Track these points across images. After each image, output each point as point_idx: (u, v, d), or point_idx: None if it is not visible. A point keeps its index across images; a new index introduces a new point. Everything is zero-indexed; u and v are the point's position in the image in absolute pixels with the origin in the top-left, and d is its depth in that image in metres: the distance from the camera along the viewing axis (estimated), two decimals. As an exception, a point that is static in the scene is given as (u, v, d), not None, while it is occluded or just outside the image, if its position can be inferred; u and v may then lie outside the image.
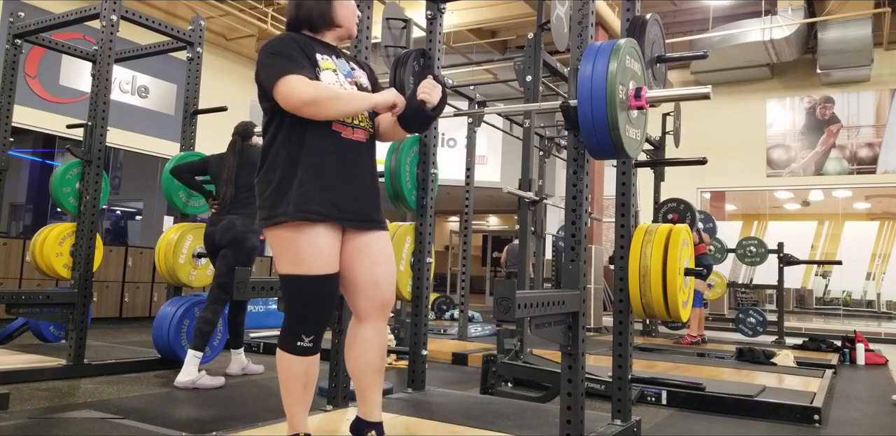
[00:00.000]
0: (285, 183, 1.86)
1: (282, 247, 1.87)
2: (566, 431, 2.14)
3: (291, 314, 1.90)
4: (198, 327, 3.61)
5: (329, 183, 1.87)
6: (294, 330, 1.88)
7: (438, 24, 3.06)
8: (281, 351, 1.90)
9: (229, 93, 9.55)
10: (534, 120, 4.44)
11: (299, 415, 1.93)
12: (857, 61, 9.35)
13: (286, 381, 1.90)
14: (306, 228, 1.84)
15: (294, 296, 1.88)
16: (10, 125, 4.42)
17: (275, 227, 1.86)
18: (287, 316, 1.91)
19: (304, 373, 1.89)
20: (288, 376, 1.90)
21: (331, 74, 1.92)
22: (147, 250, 7.18)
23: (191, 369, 3.49)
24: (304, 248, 1.84)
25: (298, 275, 1.85)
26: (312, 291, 1.86)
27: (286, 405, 1.93)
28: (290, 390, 1.90)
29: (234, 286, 2.41)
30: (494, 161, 11.61)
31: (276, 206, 1.85)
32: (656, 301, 2.56)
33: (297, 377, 1.89)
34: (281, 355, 1.90)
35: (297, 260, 1.84)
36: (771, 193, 11.63)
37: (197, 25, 4.52)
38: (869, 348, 5.98)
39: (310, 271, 1.84)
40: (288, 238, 1.85)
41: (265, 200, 1.89)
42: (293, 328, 1.88)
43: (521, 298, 1.79)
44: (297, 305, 1.88)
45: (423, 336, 3.00)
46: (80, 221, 3.94)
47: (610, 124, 1.96)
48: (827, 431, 3.16)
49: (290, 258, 1.85)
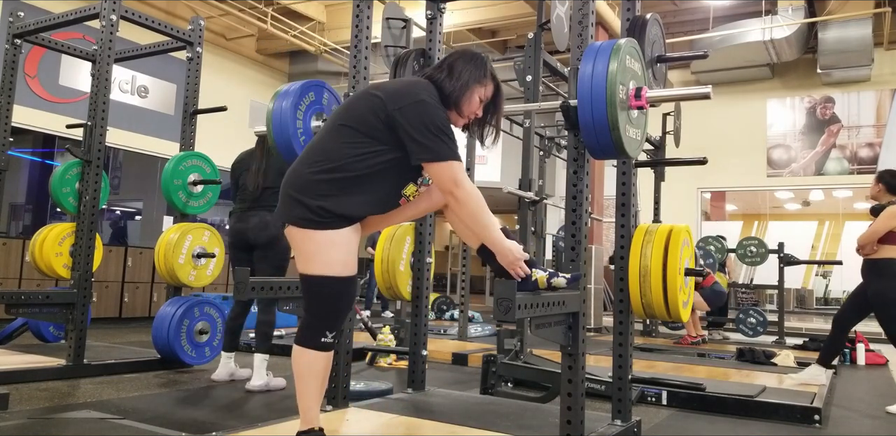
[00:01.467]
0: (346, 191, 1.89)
1: (314, 248, 1.89)
2: (566, 431, 2.14)
3: (318, 313, 1.94)
4: (262, 331, 3.62)
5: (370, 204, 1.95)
6: (319, 327, 1.93)
7: (438, 23, 3.06)
8: (302, 348, 1.93)
9: (229, 93, 9.55)
10: (534, 120, 4.44)
11: (315, 410, 1.97)
12: (857, 61, 9.34)
13: (307, 377, 1.93)
14: (345, 233, 1.90)
15: (324, 295, 1.92)
16: (10, 125, 4.41)
17: (320, 229, 1.87)
18: (311, 314, 1.95)
19: (324, 368, 1.96)
20: (309, 372, 1.93)
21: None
22: (147, 250, 7.18)
23: (262, 373, 3.55)
24: (337, 251, 1.89)
25: (330, 276, 1.89)
26: (342, 290, 1.92)
27: (303, 401, 1.95)
28: (310, 385, 1.94)
29: (234, 287, 2.41)
30: (494, 161, 11.60)
31: (329, 211, 1.87)
32: (656, 301, 2.56)
33: (318, 373, 1.94)
34: (302, 352, 1.93)
35: (329, 263, 1.89)
36: (771, 193, 11.63)
37: (197, 25, 4.52)
38: (869, 349, 5.97)
39: (342, 273, 1.90)
40: (325, 242, 1.88)
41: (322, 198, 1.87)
42: (318, 326, 1.93)
43: (521, 299, 1.79)
44: (324, 305, 1.93)
45: (423, 336, 2.99)
46: (80, 222, 3.93)
47: (610, 124, 1.96)
48: (827, 431, 3.15)
49: (322, 259, 1.89)
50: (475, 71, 2.01)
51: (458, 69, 2.00)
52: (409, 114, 1.86)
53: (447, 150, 1.86)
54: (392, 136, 1.88)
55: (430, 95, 1.92)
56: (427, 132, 1.85)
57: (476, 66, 2.02)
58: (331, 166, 1.89)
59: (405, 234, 3.33)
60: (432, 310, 8.39)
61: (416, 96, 1.88)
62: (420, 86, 1.94)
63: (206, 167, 4.38)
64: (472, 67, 2.01)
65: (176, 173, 4.20)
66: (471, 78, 2.00)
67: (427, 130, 1.85)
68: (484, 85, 2.03)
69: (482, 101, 2.05)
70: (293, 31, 9.75)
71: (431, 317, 8.10)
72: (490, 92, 2.06)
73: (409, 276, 3.20)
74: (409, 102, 1.87)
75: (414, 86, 1.94)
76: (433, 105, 1.89)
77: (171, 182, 4.17)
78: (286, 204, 1.93)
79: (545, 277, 2.01)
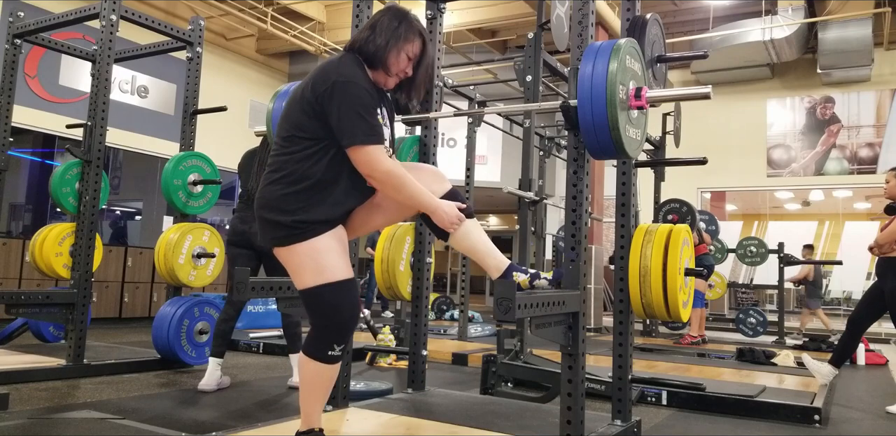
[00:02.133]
0: (314, 198, 1.87)
1: (300, 261, 1.86)
2: (566, 431, 2.14)
3: (323, 326, 1.89)
4: (291, 333, 3.64)
5: (340, 197, 1.91)
6: (325, 340, 1.88)
7: (438, 23, 3.06)
8: (309, 359, 1.89)
9: (229, 93, 9.55)
10: (534, 120, 4.44)
11: (316, 414, 1.97)
12: (857, 61, 9.34)
13: (312, 386, 1.92)
14: (326, 237, 1.87)
15: (324, 307, 1.87)
16: (10, 125, 4.41)
17: (301, 242, 1.85)
18: (316, 327, 1.90)
19: (329, 378, 1.94)
20: (315, 382, 1.92)
21: (385, 132, 1.94)
22: (147, 250, 7.18)
23: (295, 371, 3.60)
24: (323, 256, 1.85)
25: (323, 284, 1.85)
26: (341, 299, 1.87)
27: (306, 405, 1.94)
28: (314, 393, 1.93)
29: (234, 287, 2.40)
30: (494, 161, 11.60)
31: (305, 221, 1.85)
32: (656, 301, 2.55)
33: (323, 383, 1.93)
34: (308, 363, 1.89)
35: (319, 270, 1.85)
36: (771, 193, 11.63)
37: (196, 25, 4.52)
38: (869, 348, 5.98)
39: (334, 278, 1.86)
40: (308, 251, 1.85)
41: (294, 213, 1.85)
42: (324, 339, 1.88)
43: (521, 299, 1.79)
44: (326, 317, 1.88)
45: (423, 336, 2.99)
46: (80, 222, 3.93)
47: (610, 124, 1.95)
48: (827, 431, 3.15)
49: (311, 269, 1.85)
50: (399, 27, 1.95)
51: (382, 27, 1.95)
52: (325, 100, 1.84)
53: (360, 134, 1.81)
54: (328, 126, 1.86)
55: (345, 70, 1.86)
56: (340, 114, 1.82)
57: (401, 22, 1.96)
58: (291, 179, 1.87)
59: (405, 234, 3.33)
60: (432, 310, 8.39)
61: (328, 80, 1.85)
62: (333, 65, 1.90)
63: (206, 167, 4.38)
64: (396, 23, 1.96)
65: (176, 173, 4.21)
66: (393, 35, 1.94)
67: (339, 111, 1.82)
68: (410, 41, 1.96)
69: (410, 58, 1.98)
70: (293, 31, 9.75)
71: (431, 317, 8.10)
72: (418, 48, 1.99)
73: (409, 276, 3.20)
74: (323, 89, 1.84)
75: (329, 66, 1.89)
76: (345, 83, 1.84)
77: (171, 182, 4.17)
78: (263, 228, 1.91)
79: (527, 280, 2.01)
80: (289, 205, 1.85)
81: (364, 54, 1.94)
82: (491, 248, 2.04)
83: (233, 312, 3.66)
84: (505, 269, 2.01)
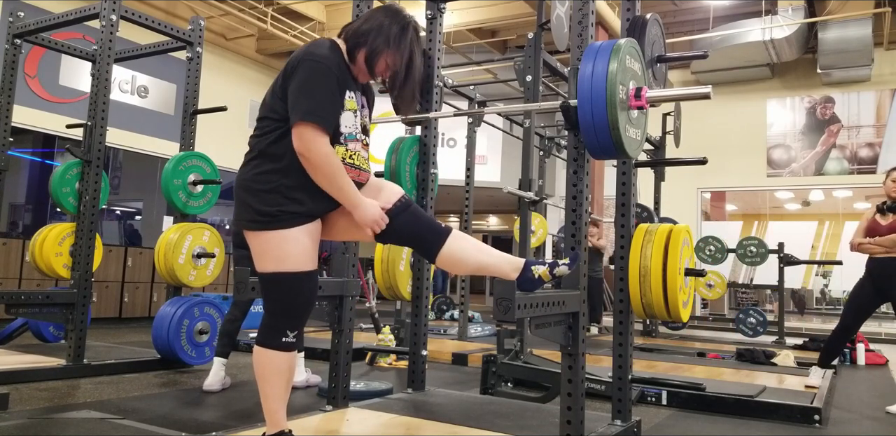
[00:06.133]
0: (286, 181, 1.86)
1: (265, 247, 1.87)
2: (566, 431, 2.14)
3: (277, 311, 1.91)
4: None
5: (314, 187, 1.88)
6: (279, 326, 1.90)
7: (438, 23, 3.06)
8: (263, 349, 1.90)
9: (229, 93, 9.55)
10: (534, 120, 4.44)
11: (281, 412, 1.94)
12: (857, 61, 9.34)
13: (269, 378, 1.90)
14: (297, 230, 1.87)
15: (281, 293, 1.89)
16: (10, 125, 4.42)
17: (270, 230, 1.85)
18: (271, 313, 1.92)
19: (287, 369, 1.92)
20: (271, 372, 1.90)
21: (350, 117, 1.92)
22: (147, 250, 7.18)
23: (301, 369, 3.72)
24: (290, 246, 1.86)
25: (284, 272, 1.86)
26: (298, 287, 1.89)
27: (267, 403, 1.92)
28: (273, 386, 1.91)
29: (234, 286, 2.40)
30: (494, 161, 11.60)
31: (277, 212, 1.85)
32: (656, 301, 2.56)
33: (281, 373, 1.90)
34: (263, 353, 1.90)
35: (282, 258, 1.85)
36: (771, 193, 11.62)
37: (197, 25, 4.52)
38: (869, 348, 5.97)
39: (296, 268, 1.87)
40: (275, 239, 1.85)
41: (265, 198, 1.85)
42: (278, 325, 1.90)
43: (520, 299, 1.79)
44: (282, 303, 1.90)
45: (423, 336, 2.99)
46: (80, 221, 3.94)
47: (610, 124, 1.95)
48: (827, 431, 3.15)
49: (274, 255, 1.86)
50: (388, 31, 1.92)
51: (374, 25, 1.93)
52: (290, 78, 1.85)
53: (302, 110, 1.79)
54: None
55: (316, 50, 1.85)
56: (296, 91, 1.82)
57: (392, 27, 1.93)
58: (262, 159, 1.88)
59: (405, 234, 3.33)
60: (432, 310, 8.39)
61: (297, 59, 1.85)
62: (307, 46, 1.89)
63: (206, 167, 4.38)
64: (388, 22, 1.93)
65: (176, 173, 4.21)
66: (382, 39, 1.91)
67: (296, 88, 1.82)
68: (393, 53, 1.93)
69: (388, 66, 1.96)
70: (293, 31, 9.75)
71: (431, 317, 8.10)
72: (399, 61, 1.95)
73: (409, 276, 3.20)
74: (291, 68, 1.85)
75: (303, 48, 1.89)
76: (311, 61, 1.83)
77: (171, 182, 4.17)
78: (237, 207, 1.92)
79: (546, 270, 1.97)
80: (259, 186, 1.86)
81: (347, 44, 1.95)
82: (496, 254, 2.01)
83: (238, 313, 3.70)
84: (523, 267, 1.97)
